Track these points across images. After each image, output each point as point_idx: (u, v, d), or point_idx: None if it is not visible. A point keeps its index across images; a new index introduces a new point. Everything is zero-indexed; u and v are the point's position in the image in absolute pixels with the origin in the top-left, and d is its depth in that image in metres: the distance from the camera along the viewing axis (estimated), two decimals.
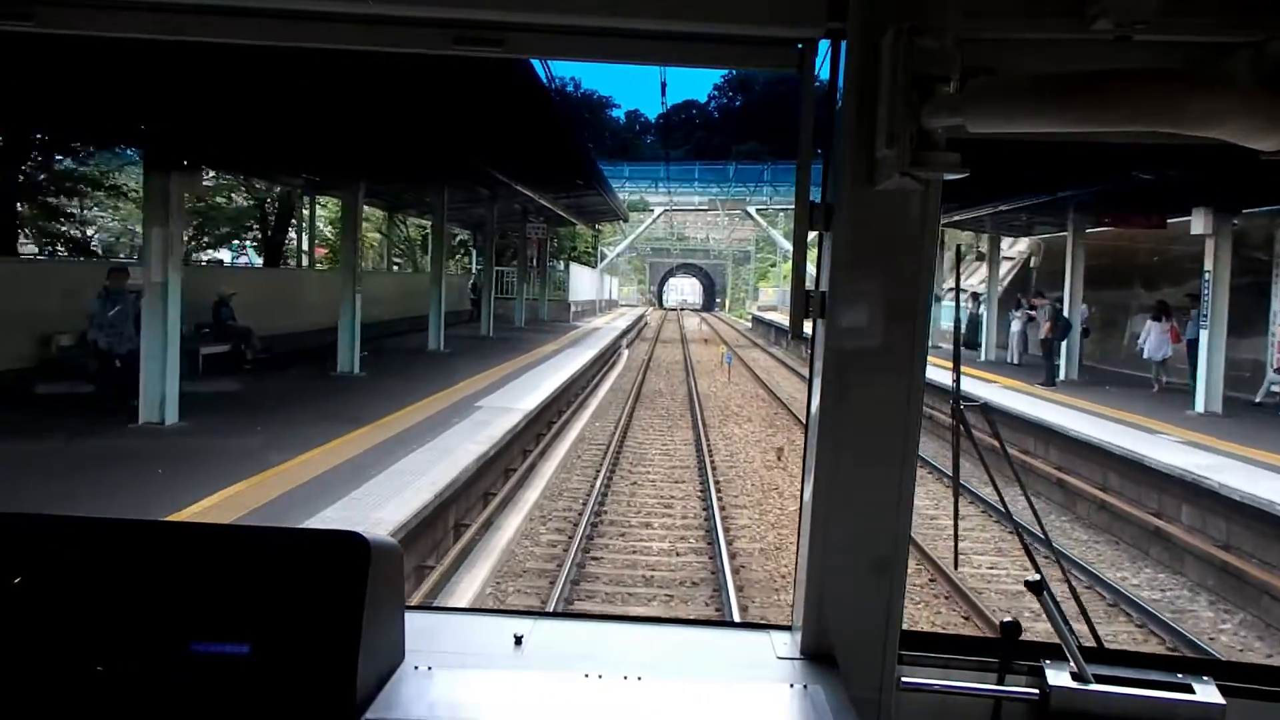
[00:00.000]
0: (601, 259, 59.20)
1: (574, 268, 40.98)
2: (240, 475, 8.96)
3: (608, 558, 10.09)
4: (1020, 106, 1.27)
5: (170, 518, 7.10)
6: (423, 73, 9.34)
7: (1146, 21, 1.31)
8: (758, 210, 50.69)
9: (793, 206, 1.67)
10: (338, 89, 10.00)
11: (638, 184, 51.42)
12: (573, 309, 38.18)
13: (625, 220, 41.30)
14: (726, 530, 11.02)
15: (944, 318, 29.79)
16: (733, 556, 10.01)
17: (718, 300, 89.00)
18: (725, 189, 51.79)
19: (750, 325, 60.29)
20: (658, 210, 51.49)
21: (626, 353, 35.22)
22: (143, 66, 8.74)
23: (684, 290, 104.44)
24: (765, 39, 1.69)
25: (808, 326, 1.71)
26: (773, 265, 70.12)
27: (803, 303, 1.67)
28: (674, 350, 40.06)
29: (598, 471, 13.85)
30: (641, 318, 56.86)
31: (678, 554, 10.29)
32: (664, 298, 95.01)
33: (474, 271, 37.56)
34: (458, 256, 38.31)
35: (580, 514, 11.46)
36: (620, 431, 17.07)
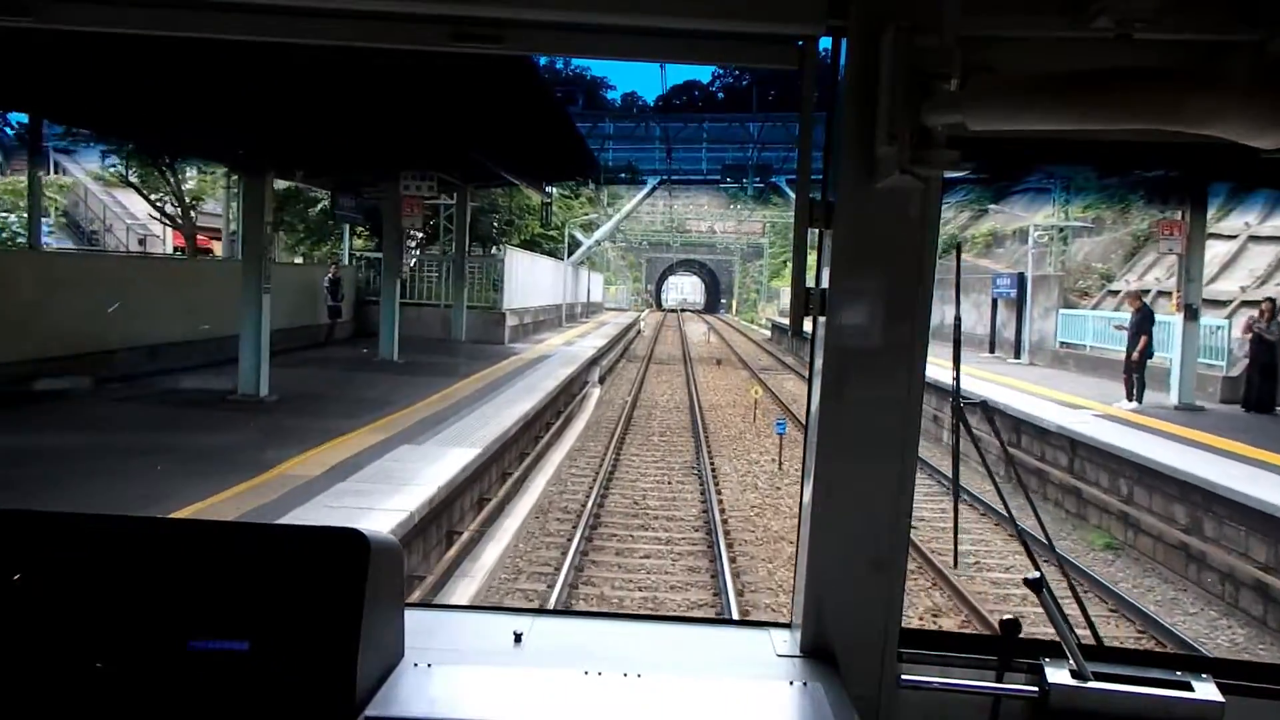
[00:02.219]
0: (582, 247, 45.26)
1: (516, 256, 26.33)
2: None
3: None
4: (1020, 104, 1.29)
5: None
6: None
7: (1146, 20, 1.32)
8: (789, 182, 36.72)
9: None
10: None
11: (623, 139, 37.34)
12: (511, 321, 24.25)
13: (595, 182, 27.47)
14: None
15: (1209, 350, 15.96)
16: None
17: (723, 301, 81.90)
18: (748, 151, 37.81)
19: (768, 334, 47.35)
20: (652, 183, 37.47)
21: (596, 393, 21.52)
22: None
23: (684, 289, 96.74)
24: (765, 36, 1.68)
25: (808, 324, 1.70)
26: (788, 261, 56.61)
27: (803, 300, 1.67)
28: (672, 382, 26.51)
29: None
30: (632, 326, 43.01)
31: None
32: (662, 297, 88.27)
33: (347, 260, 23.49)
34: (336, 235, 24.23)
35: None
36: None
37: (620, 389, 24.84)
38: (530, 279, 27.52)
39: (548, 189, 24.29)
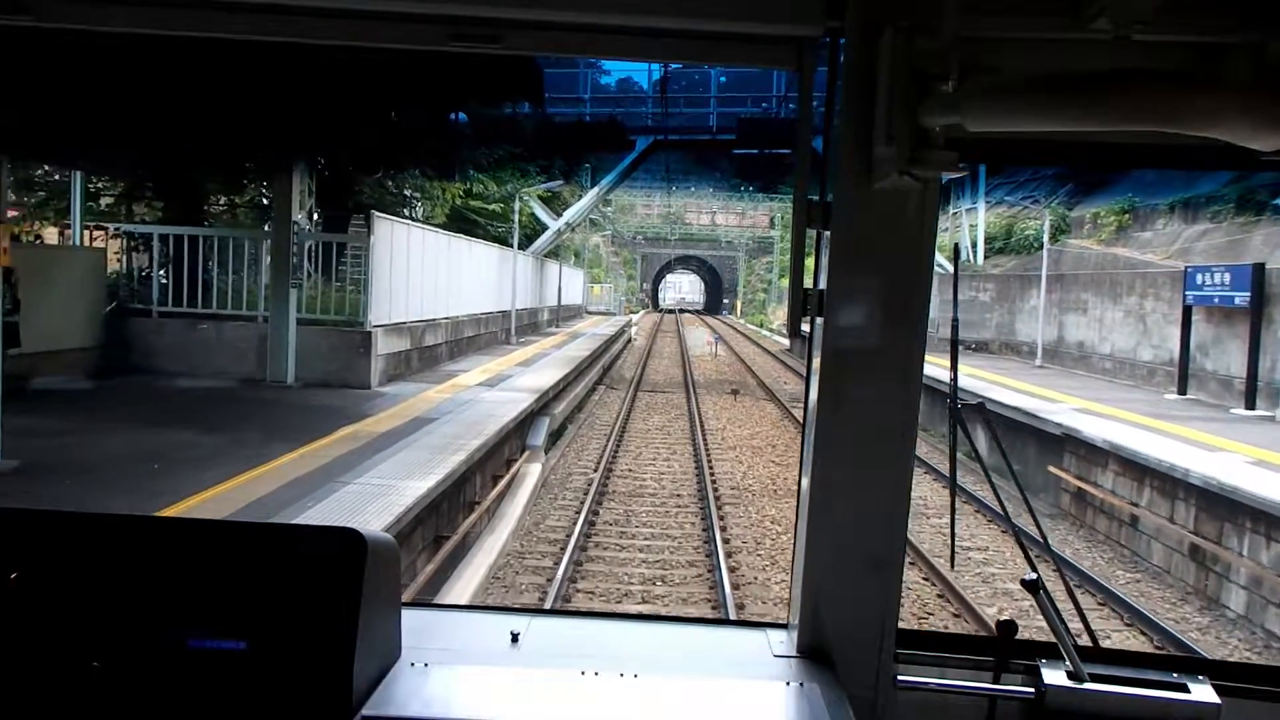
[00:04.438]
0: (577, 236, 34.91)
1: (401, 235, 15.10)
2: None
3: None
4: (1018, 106, 1.29)
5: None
6: None
7: (1145, 21, 1.33)
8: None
9: None
10: None
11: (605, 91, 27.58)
12: (389, 345, 13.92)
13: (536, 106, 17.14)
14: None
15: None
16: None
17: (725, 301, 75.67)
18: (772, 103, 28.16)
19: (786, 344, 37.84)
20: (643, 144, 27.56)
21: (535, 474, 11.95)
22: None
23: (682, 288, 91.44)
24: (764, 37, 1.69)
25: (805, 325, 1.70)
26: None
27: (801, 301, 1.67)
28: (669, 431, 18.37)
29: None
30: (617, 338, 33.12)
31: None
32: (659, 297, 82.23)
33: (80, 238, 13.40)
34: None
35: None
36: None
37: (584, 454, 15.13)
38: (438, 274, 17.47)
39: (456, 117, 14.27)
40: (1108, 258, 22.30)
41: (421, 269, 16.16)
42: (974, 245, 28.82)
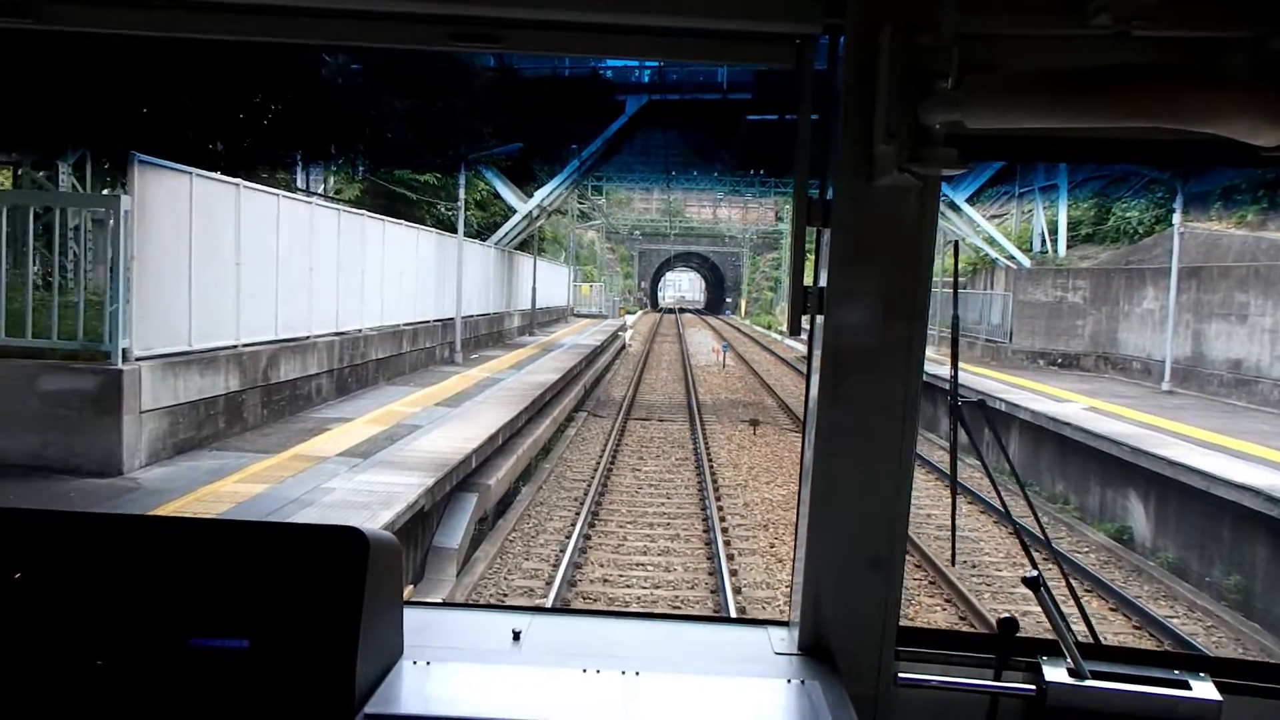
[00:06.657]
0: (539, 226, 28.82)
1: (204, 196, 8.47)
2: None
3: None
4: (1018, 103, 1.29)
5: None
6: None
7: (1145, 17, 1.33)
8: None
9: None
10: None
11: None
12: (164, 397, 7.58)
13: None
14: None
15: None
16: None
17: (728, 300, 71.92)
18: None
19: (801, 349, 31.94)
20: (634, 106, 21.89)
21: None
22: None
23: (682, 286, 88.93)
24: (763, 34, 1.70)
25: (806, 322, 1.70)
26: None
27: (801, 298, 1.68)
28: (666, 486, 12.54)
29: None
30: (603, 348, 27.43)
31: None
32: (658, 296, 78.88)
33: None
34: None
35: None
36: None
37: (534, 548, 9.96)
38: (313, 267, 11.65)
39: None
40: (1261, 245, 16.53)
41: (274, 258, 10.37)
42: (1052, 232, 23.09)
